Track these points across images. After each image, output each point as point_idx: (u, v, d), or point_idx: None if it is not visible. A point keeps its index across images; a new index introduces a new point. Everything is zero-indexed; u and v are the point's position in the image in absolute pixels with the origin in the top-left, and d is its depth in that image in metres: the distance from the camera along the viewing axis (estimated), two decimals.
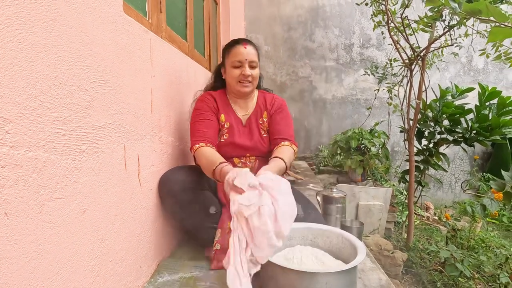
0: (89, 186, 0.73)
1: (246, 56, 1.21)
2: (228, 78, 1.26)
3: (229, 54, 1.24)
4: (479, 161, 4.16)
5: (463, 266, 1.74)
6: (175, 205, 1.14)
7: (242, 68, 1.22)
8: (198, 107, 1.26)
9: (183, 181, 1.14)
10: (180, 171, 1.18)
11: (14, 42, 0.52)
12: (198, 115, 1.23)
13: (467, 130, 2.28)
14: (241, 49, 1.22)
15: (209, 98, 1.28)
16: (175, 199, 1.13)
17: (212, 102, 1.27)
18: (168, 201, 1.14)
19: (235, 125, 1.28)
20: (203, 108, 1.24)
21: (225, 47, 1.29)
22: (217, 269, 1.12)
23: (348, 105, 4.17)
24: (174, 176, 1.14)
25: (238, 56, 1.21)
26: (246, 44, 1.23)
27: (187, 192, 1.14)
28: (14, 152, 0.53)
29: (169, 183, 1.13)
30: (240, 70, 1.22)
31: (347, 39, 4.09)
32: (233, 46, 1.24)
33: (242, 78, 1.22)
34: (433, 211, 3.51)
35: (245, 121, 1.31)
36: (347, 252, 1.08)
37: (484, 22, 0.80)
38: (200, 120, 1.22)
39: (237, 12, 3.27)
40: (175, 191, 1.12)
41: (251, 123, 1.31)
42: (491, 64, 4.05)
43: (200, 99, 1.29)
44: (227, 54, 1.25)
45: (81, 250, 0.71)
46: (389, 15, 2.17)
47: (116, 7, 0.83)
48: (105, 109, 0.79)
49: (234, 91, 1.28)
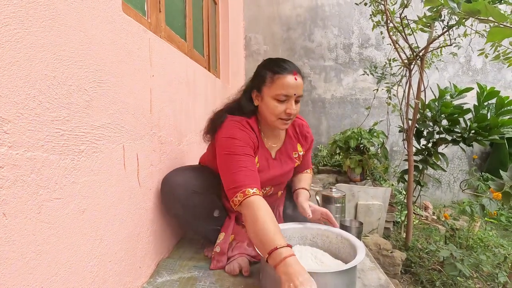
0: (88, 186, 0.73)
1: (295, 90, 1.00)
2: (266, 111, 1.05)
3: (274, 83, 1.01)
4: (478, 161, 4.17)
5: (463, 266, 1.75)
6: (179, 207, 1.11)
7: (287, 104, 1.02)
8: (240, 137, 1.01)
9: (192, 184, 1.09)
10: (185, 173, 1.12)
11: (13, 41, 0.52)
12: (242, 148, 0.99)
13: (466, 130, 2.28)
14: (291, 81, 1.00)
15: (250, 131, 1.06)
16: (179, 202, 1.09)
17: (253, 137, 1.06)
18: (171, 203, 1.11)
19: (264, 160, 1.12)
20: (246, 141, 1.01)
21: (266, 69, 1.04)
22: (216, 269, 1.13)
23: (347, 104, 4.18)
24: (179, 178, 1.09)
25: (287, 89, 1.00)
26: (297, 75, 1.02)
27: (192, 196, 1.10)
28: (13, 152, 0.53)
29: (173, 186, 1.08)
30: (284, 105, 1.02)
31: (346, 39, 4.09)
32: (281, 74, 1.00)
33: (285, 116, 1.03)
34: (432, 211, 3.52)
35: (275, 153, 1.17)
36: (346, 252, 1.08)
37: (483, 22, 0.80)
38: (247, 155, 0.99)
39: (236, 12, 3.26)
40: (179, 194, 1.08)
41: (281, 156, 1.18)
42: (489, 64, 4.06)
43: (240, 128, 1.03)
44: (270, 81, 1.02)
45: (80, 251, 0.71)
46: (388, 15, 2.17)
47: (115, 6, 0.83)
48: (104, 109, 0.78)
49: (270, 125, 1.09)
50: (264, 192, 1.18)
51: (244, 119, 1.08)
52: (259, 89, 1.06)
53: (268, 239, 0.82)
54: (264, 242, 0.83)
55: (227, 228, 1.18)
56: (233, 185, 0.94)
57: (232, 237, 1.19)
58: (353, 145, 2.87)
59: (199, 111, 1.67)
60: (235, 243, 1.17)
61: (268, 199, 1.15)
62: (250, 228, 0.89)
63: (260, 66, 1.09)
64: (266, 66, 1.06)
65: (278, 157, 1.17)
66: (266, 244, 0.82)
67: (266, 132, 1.14)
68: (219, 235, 1.17)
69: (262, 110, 1.07)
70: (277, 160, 1.16)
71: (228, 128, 1.03)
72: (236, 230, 1.20)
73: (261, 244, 0.84)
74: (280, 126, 1.07)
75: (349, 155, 2.93)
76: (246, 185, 0.92)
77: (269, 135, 1.15)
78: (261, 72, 1.06)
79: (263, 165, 1.11)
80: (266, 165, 1.12)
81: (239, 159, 0.97)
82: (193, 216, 1.14)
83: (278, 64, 1.03)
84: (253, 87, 1.09)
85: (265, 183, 1.14)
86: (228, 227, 1.18)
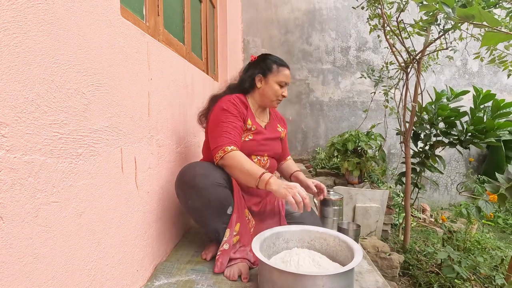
0: (86, 190, 0.73)
1: (289, 80, 1.37)
2: (268, 91, 1.33)
3: (279, 73, 1.32)
4: (475, 163, 4.19)
5: (460, 268, 1.75)
6: (197, 198, 1.11)
7: (283, 89, 1.34)
8: (228, 108, 1.24)
9: (213, 176, 1.13)
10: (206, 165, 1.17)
11: (11, 45, 0.52)
12: (227, 116, 1.22)
13: (462, 133, 2.30)
14: (288, 73, 1.35)
15: (240, 103, 1.29)
16: (199, 192, 1.10)
17: (242, 108, 1.28)
18: (190, 193, 1.11)
19: (258, 127, 1.33)
20: (233, 111, 1.24)
21: (273, 62, 1.34)
22: (221, 272, 1.12)
23: (345, 107, 4.20)
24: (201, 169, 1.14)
25: (287, 78, 1.34)
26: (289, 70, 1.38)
27: (214, 188, 1.12)
28: (10, 155, 0.53)
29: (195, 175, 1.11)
30: (282, 90, 1.34)
31: (344, 42, 4.12)
32: (284, 67, 1.34)
33: (280, 97, 1.35)
34: (429, 213, 3.53)
35: (264, 126, 1.40)
36: (344, 255, 1.09)
37: (477, 27, 0.81)
38: (230, 122, 1.22)
39: (234, 15, 3.28)
40: (202, 184, 1.10)
41: (269, 127, 1.41)
42: (485, 67, 4.10)
43: (231, 101, 1.27)
44: (276, 70, 1.32)
45: (77, 254, 0.71)
46: (385, 18, 2.19)
47: (114, 10, 0.84)
48: (102, 112, 0.78)
49: (264, 103, 1.36)
50: (263, 163, 1.34)
51: (238, 96, 1.31)
52: (265, 74, 1.33)
53: (253, 172, 1.11)
54: (251, 175, 1.11)
55: (232, 224, 1.17)
56: (216, 145, 1.18)
57: (237, 238, 1.18)
58: (351, 148, 2.88)
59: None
60: (239, 246, 1.17)
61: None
62: (235, 171, 1.15)
63: (266, 59, 1.35)
64: (271, 59, 1.35)
65: (267, 128, 1.41)
66: (253, 176, 1.11)
67: (256, 110, 1.39)
68: (225, 232, 1.16)
69: (265, 91, 1.34)
70: (267, 129, 1.40)
71: (221, 102, 1.27)
72: (242, 229, 1.19)
73: (249, 178, 1.12)
74: (275, 105, 1.37)
75: (347, 158, 2.94)
76: (225, 144, 1.16)
77: (258, 112, 1.40)
78: (268, 63, 1.34)
79: (259, 133, 1.33)
80: (261, 132, 1.34)
81: (223, 125, 1.20)
82: (210, 208, 1.13)
83: (279, 59, 1.36)
84: (259, 72, 1.34)
85: (262, 145, 1.33)
86: (233, 223, 1.17)
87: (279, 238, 1.15)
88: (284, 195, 1.05)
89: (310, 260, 1.02)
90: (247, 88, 1.36)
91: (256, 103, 1.38)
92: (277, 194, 1.07)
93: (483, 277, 1.93)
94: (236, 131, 1.21)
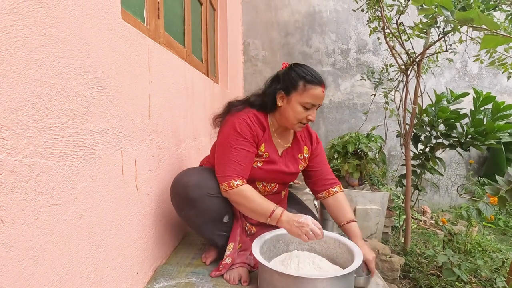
0: (86, 192, 0.73)
1: (320, 101, 1.11)
2: (290, 113, 1.11)
3: (305, 92, 1.08)
4: (475, 165, 4.19)
5: (460, 271, 1.75)
6: (190, 209, 1.09)
7: (309, 112, 1.11)
8: (241, 131, 1.08)
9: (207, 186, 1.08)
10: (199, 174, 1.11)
11: (13, 49, 0.53)
12: (238, 141, 1.08)
13: (463, 135, 2.29)
14: (319, 93, 1.09)
15: (257, 123, 1.13)
16: (192, 203, 1.07)
17: (258, 130, 1.12)
18: (183, 204, 1.09)
19: (271, 155, 1.17)
20: (246, 135, 1.08)
21: (301, 78, 1.09)
22: (215, 277, 1.12)
23: (345, 109, 4.20)
24: (193, 179, 1.08)
25: (315, 99, 1.09)
26: (324, 88, 1.11)
27: (207, 199, 1.08)
28: (11, 158, 0.53)
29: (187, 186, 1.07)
30: (307, 112, 1.10)
31: (344, 45, 4.13)
32: (313, 85, 1.08)
33: (306, 121, 1.12)
34: (430, 215, 3.52)
35: (282, 152, 1.22)
36: (344, 257, 1.08)
37: (477, 30, 0.81)
38: (241, 150, 1.07)
39: (234, 18, 3.29)
40: (194, 196, 1.06)
41: (287, 155, 1.23)
42: (485, 69, 4.10)
43: (246, 121, 1.10)
44: (302, 89, 1.08)
45: (77, 257, 0.71)
46: (385, 21, 2.20)
47: (115, 13, 0.84)
48: (102, 115, 0.79)
49: (285, 125, 1.16)
50: (269, 189, 1.22)
51: (256, 113, 1.14)
52: (288, 92, 1.11)
53: (262, 210, 1.04)
54: (262, 212, 1.04)
55: (235, 236, 1.17)
56: (221, 174, 1.08)
57: (240, 246, 1.19)
58: (351, 150, 2.87)
59: (198, 116, 1.68)
60: (239, 251, 1.18)
61: (272, 197, 1.20)
62: (242, 208, 1.08)
63: (292, 71, 1.12)
64: (300, 74, 1.10)
65: (284, 156, 1.22)
66: (262, 215, 1.04)
67: (277, 129, 1.21)
68: (228, 246, 1.15)
69: (285, 111, 1.13)
70: (283, 157, 1.21)
71: (236, 118, 1.11)
72: (243, 240, 1.20)
73: (259, 215, 1.06)
74: (297, 128, 1.16)
75: (347, 160, 2.94)
76: (232, 177, 1.06)
77: (279, 133, 1.22)
78: (293, 78, 1.10)
79: (270, 161, 1.17)
80: (273, 161, 1.18)
81: (232, 152, 1.08)
82: (203, 219, 1.11)
83: (311, 74, 1.10)
84: (281, 88, 1.13)
85: (271, 175, 1.19)
86: (236, 235, 1.17)
87: (279, 240, 1.15)
88: (297, 235, 0.99)
89: (310, 263, 1.02)
90: (268, 105, 1.15)
91: (277, 122, 1.18)
92: (290, 233, 1.02)
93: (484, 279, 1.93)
94: (246, 161, 1.08)
